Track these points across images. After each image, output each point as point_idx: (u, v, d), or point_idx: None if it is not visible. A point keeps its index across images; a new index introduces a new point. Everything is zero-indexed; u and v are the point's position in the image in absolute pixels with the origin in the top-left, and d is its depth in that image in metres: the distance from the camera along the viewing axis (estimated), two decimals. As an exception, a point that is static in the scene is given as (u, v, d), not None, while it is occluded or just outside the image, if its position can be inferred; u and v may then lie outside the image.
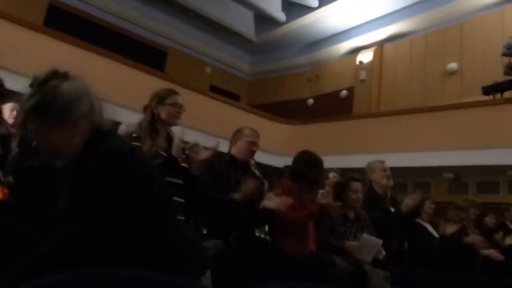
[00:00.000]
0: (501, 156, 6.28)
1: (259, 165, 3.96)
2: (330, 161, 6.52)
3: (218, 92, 9.57)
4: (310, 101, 10.60)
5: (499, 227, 4.65)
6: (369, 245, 2.80)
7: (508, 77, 6.96)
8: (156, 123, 2.17)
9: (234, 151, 2.69)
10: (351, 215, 3.07)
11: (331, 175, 4.11)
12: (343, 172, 3.53)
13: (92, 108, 1.16)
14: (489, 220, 4.69)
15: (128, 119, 2.10)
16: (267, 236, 3.20)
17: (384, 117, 7.89)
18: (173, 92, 2.26)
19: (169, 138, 2.22)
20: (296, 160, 2.88)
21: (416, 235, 3.47)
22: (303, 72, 11.05)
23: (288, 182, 2.80)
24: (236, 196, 2.40)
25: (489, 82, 7.16)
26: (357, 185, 3.07)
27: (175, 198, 2.05)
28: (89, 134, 1.15)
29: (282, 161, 5.47)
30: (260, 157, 6.82)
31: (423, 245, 3.55)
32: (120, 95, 6.38)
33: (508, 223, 4.75)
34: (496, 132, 6.34)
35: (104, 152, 1.10)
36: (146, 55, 9.50)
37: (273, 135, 8.31)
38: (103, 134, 1.16)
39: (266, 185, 3.56)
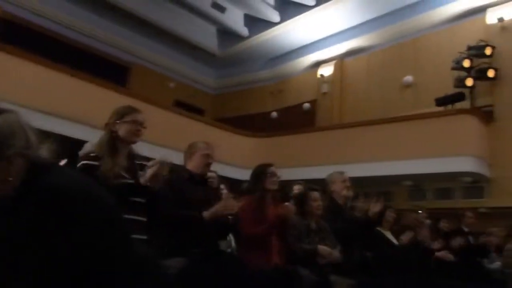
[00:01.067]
0: (455, 164, 6.61)
1: (224, 179, 3.98)
2: (295, 173, 6.69)
3: (183, 107, 9.52)
4: (274, 114, 10.74)
5: (455, 231, 4.86)
6: None
7: (458, 89, 7.34)
8: (115, 141, 2.13)
9: (190, 166, 2.68)
10: (313, 225, 3.14)
11: (296, 187, 4.15)
12: (308, 183, 3.57)
13: (27, 143, 1.02)
14: (444, 225, 4.90)
15: (89, 136, 2.08)
16: (235, 251, 3.25)
17: (345, 129, 8.13)
18: (133, 110, 2.23)
19: (131, 156, 2.20)
20: (251, 174, 2.96)
21: (377, 244, 3.58)
22: (267, 86, 11.20)
23: (247, 197, 2.86)
24: (206, 214, 2.40)
25: (441, 94, 7.53)
26: (316, 194, 3.16)
27: (136, 217, 2.02)
28: (25, 173, 1.00)
29: (248, 174, 5.48)
30: (226, 170, 6.87)
31: (384, 253, 3.66)
32: (80, 111, 6.26)
33: (463, 227, 4.98)
34: (449, 140, 6.67)
35: (42, 190, 0.95)
36: (108, 71, 9.31)
37: (238, 148, 8.35)
38: (42, 170, 1.01)
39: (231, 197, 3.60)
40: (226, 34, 10.89)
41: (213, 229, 2.50)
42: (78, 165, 2.05)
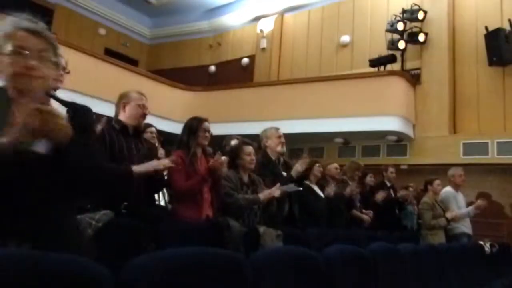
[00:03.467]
0: (383, 123, 7.01)
1: (160, 133, 3.89)
2: (231, 128, 6.73)
3: (115, 56, 9.01)
4: (212, 68, 10.55)
5: (378, 185, 5.24)
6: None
7: (390, 51, 7.67)
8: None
9: (123, 117, 2.59)
10: (246, 178, 3.21)
11: (233, 142, 4.14)
12: (244, 138, 3.60)
13: None
14: (369, 179, 5.26)
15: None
16: (168, 205, 3.26)
17: (282, 86, 8.22)
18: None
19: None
20: (184, 128, 2.95)
21: (304, 197, 3.74)
22: (205, 39, 10.89)
23: (179, 152, 2.85)
24: (136, 169, 2.35)
25: (375, 55, 7.82)
26: (249, 149, 3.20)
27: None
28: None
29: (182, 128, 5.44)
30: (161, 124, 6.73)
31: (311, 206, 3.86)
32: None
33: (386, 181, 5.37)
34: (379, 101, 7.03)
35: None
36: (28, 12, 8.47)
37: (173, 101, 8.17)
38: None
39: (162, 152, 3.57)
40: (162, -20, 10.35)
41: (145, 182, 2.47)
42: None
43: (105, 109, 4.27)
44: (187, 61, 10.89)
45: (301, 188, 3.43)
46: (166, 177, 2.81)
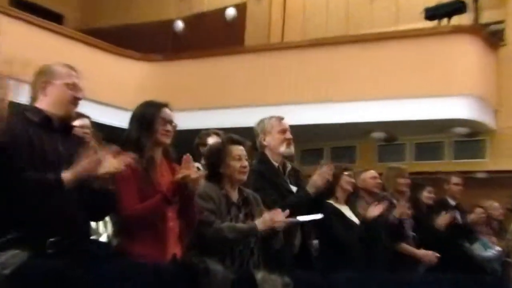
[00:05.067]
0: (447, 108, 7.02)
1: (99, 127, 3.87)
2: (209, 118, 6.67)
3: (27, 8, 8.98)
4: (179, 24, 10.54)
5: (438, 204, 5.26)
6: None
7: (456, -3, 7.67)
8: None
9: (44, 104, 2.59)
10: (234, 196, 3.18)
11: (211, 139, 4.14)
12: (228, 134, 3.57)
13: None
14: (427, 195, 5.25)
15: None
16: (114, 239, 3.23)
17: (289, 51, 8.24)
18: None
19: None
20: (132, 119, 2.95)
21: (327, 223, 3.68)
22: (168, -22, 10.93)
23: (129, 156, 2.73)
24: (67, 177, 2.36)
25: (433, 2, 7.82)
26: (239, 150, 3.16)
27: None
28: None
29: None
30: (101, 113, 6.66)
31: (337, 237, 3.84)
32: None
33: (448, 198, 5.40)
34: (439, 72, 7.03)
35: None
36: None
37: (119, 78, 8.18)
38: None
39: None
40: None
41: (81, 203, 2.50)
42: None
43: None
44: (140, 16, 10.87)
45: (322, 215, 3.41)
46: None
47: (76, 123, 3.06)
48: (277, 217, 3.09)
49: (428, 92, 6.98)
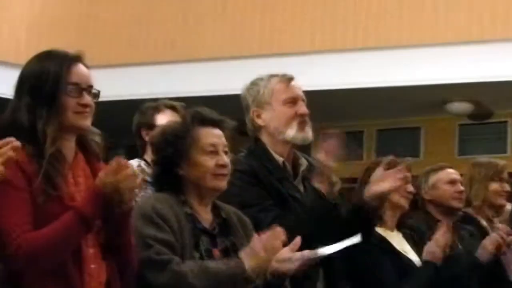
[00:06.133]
0: None
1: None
2: (157, 81, 5.39)
3: None
4: None
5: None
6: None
7: None
8: None
9: None
10: (206, 216, 2.56)
11: (161, 117, 3.60)
12: (196, 109, 2.82)
13: None
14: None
15: None
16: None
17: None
18: None
19: None
20: (19, 84, 2.33)
21: (369, 259, 3.12)
22: None
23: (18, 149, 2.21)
24: None
25: None
26: (213, 137, 2.57)
27: None
28: None
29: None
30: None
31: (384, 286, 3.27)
32: None
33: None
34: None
35: None
36: None
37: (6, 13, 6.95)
38: None
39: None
40: None
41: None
42: None
43: None
44: None
45: (359, 239, 2.69)
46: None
47: None
48: (282, 248, 2.36)
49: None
